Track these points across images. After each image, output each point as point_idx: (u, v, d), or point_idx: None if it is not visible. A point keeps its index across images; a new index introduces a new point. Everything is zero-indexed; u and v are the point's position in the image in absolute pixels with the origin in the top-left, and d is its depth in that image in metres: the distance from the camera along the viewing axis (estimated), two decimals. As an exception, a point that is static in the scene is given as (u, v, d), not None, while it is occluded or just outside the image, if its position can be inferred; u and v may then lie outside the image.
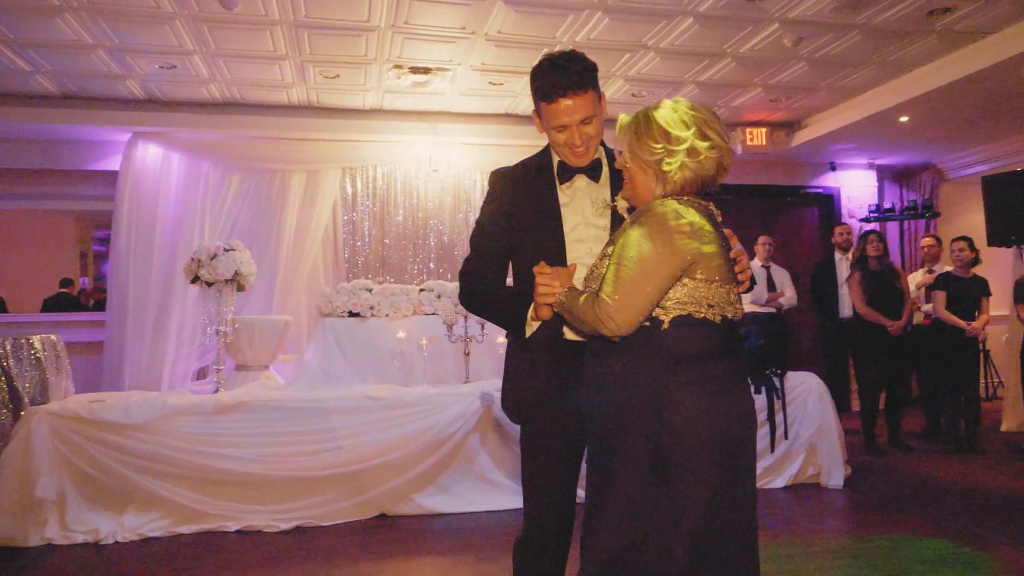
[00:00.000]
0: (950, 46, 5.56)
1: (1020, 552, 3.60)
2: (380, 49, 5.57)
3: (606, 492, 1.78)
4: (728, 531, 1.73)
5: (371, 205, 7.39)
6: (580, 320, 1.81)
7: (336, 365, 5.26)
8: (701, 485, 1.70)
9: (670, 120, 1.79)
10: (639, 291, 1.71)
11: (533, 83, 2.07)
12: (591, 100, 2.02)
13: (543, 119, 2.09)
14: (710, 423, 1.72)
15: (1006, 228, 6.86)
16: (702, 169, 1.79)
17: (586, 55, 2.07)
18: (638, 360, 1.76)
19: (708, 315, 1.76)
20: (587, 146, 2.07)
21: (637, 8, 4.90)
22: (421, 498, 4.50)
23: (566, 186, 2.15)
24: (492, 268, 2.18)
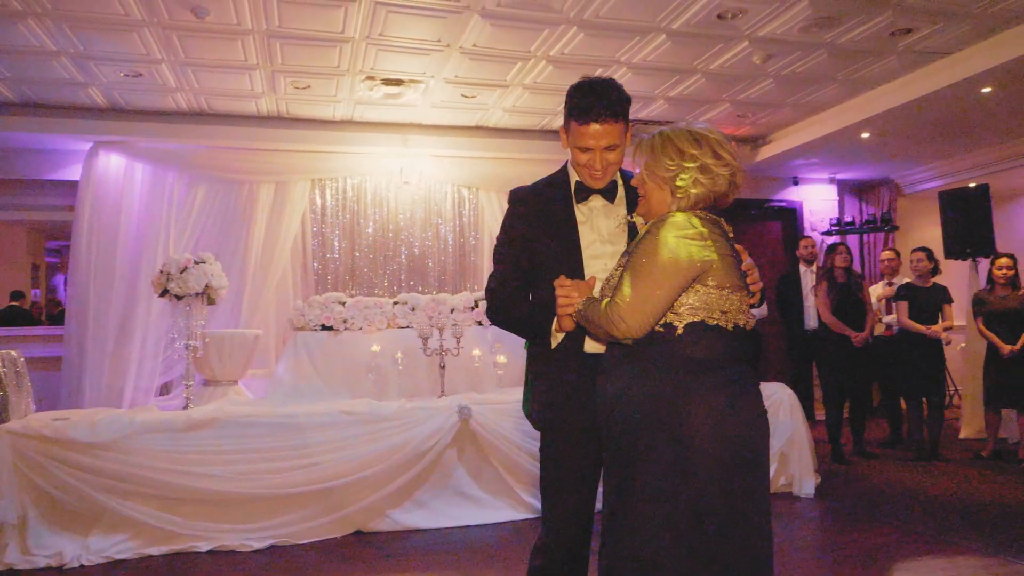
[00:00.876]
0: (911, 65, 5.74)
1: (988, 558, 3.70)
2: (353, 60, 5.54)
3: (625, 497, 1.82)
4: (746, 534, 1.77)
5: (341, 217, 7.32)
6: (595, 324, 1.90)
7: (309, 379, 5.17)
8: (720, 489, 1.75)
9: (684, 139, 1.89)
10: (650, 295, 1.80)
11: (570, 101, 2.16)
12: (619, 130, 2.12)
13: (570, 137, 2.18)
14: (728, 427, 1.78)
15: (962, 241, 7.11)
16: (715, 185, 1.89)
17: (623, 87, 2.17)
18: (654, 365, 1.83)
19: (721, 322, 1.84)
20: (605, 171, 2.17)
21: (612, 24, 4.96)
22: (398, 514, 4.44)
23: (583, 205, 2.24)
24: (515, 283, 2.26)
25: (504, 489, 4.64)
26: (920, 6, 4.71)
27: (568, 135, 2.20)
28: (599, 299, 1.95)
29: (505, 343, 5.44)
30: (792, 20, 4.89)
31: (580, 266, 2.19)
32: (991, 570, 3.53)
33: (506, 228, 2.31)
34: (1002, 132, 7.04)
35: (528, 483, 4.64)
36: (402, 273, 7.41)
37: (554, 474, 2.19)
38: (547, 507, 2.20)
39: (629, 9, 4.72)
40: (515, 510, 4.62)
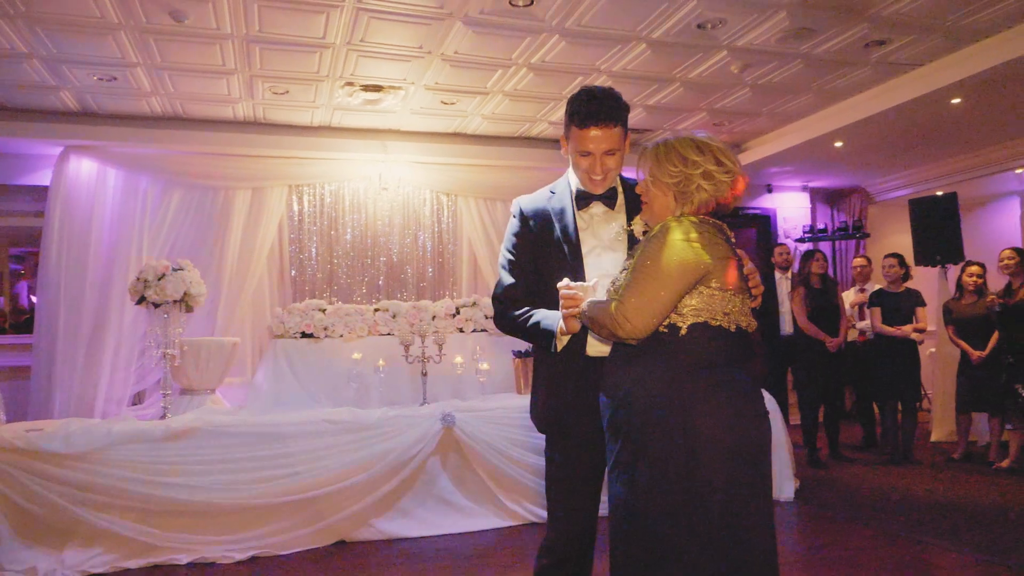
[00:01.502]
0: (884, 76, 5.87)
1: (964, 557, 3.77)
2: (333, 66, 5.50)
3: (634, 494, 1.85)
4: (751, 527, 1.81)
5: (318, 224, 7.25)
6: (600, 325, 1.94)
7: (288, 387, 5.11)
8: (727, 483, 1.78)
9: (688, 147, 1.96)
10: (655, 296, 1.84)
11: (570, 108, 2.23)
12: (618, 135, 2.19)
13: (571, 143, 2.24)
14: (732, 426, 1.82)
15: (932, 248, 7.26)
16: (717, 191, 1.95)
17: (621, 95, 2.24)
18: (659, 365, 1.87)
19: (724, 323, 1.89)
20: (605, 176, 2.24)
21: (594, 33, 4.99)
22: (381, 523, 4.40)
23: (583, 212, 2.31)
24: (521, 289, 2.32)
25: (488, 497, 4.62)
26: (894, 19, 4.82)
27: (569, 141, 2.26)
28: (604, 300, 1.99)
29: (487, 350, 5.43)
30: (770, 31, 4.97)
31: (582, 271, 2.24)
32: (968, 570, 3.60)
33: (510, 236, 2.38)
34: (969, 142, 7.22)
35: (512, 490, 4.63)
36: (380, 280, 7.37)
37: (559, 475, 2.25)
38: (553, 507, 2.26)
39: (612, 18, 4.76)
40: (499, 517, 4.61)
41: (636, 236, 2.21)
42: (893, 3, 4.60)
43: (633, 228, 2.22)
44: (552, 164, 7.64)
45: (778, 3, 4.60)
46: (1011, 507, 4.69)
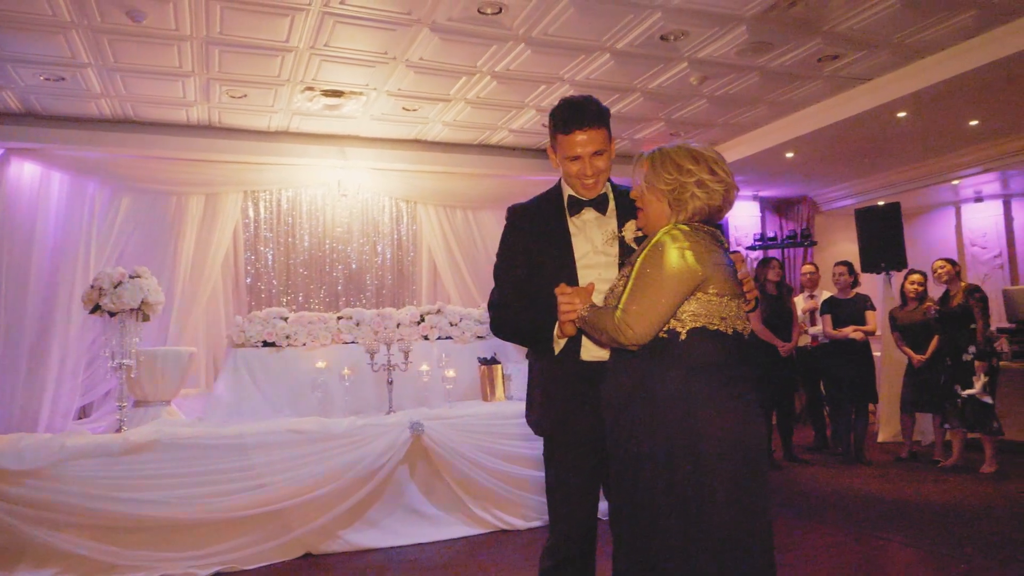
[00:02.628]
0: (835, 89, 6.09)
1: (921, 552, 3.92)
2: (295, 70, 5.42)
3: (637, 493, 1.89)
4: (752, 521, 1.85)
5: (275, 230, 7.11)
6: (600, 331, 1.97)
7: (250, 398, 4.97)
8: (728, 481, 1.83)
9: (683, 156, 2.01)
10: (655, 304, 1.88)
11: (554, 118, 2.27)
12: (603, 136, 2.23)
13: (559, 150, 2.28)
14: (731, 427, 1.86)
15: (877, 256, 7.55)
16: (710, 199, 1.99)
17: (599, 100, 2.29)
18: (660, 369, 1.91)
19: (721, 327, 1.93)
20: (597, 178, 2.27)
21: (559, 42, 5.04)
22: (349, 534, 4.32)
23: (575, 218, 2.34)
24: (516, 296, 2.34)
25: (457, 505, 4.59)
26: (847, 35, 5.00)
27: (557, 150, 2.30)
28: (603, 306, 2.03)
29: (452, 357, 5.39)
30: (730, 44, 5.11)
31: (575, 276, 2.28)
32: (926, 564, 3.74)
33: (504, 244, 2.41)
34: (912, 154, 7.54)
35: (482, 498, 4.61)
36: (339, 288, 7.26)
37: (560, 478, 2.27)
38: (553, 509, 2.29)
39: (578, 28, 4.81)
40: (469, 526, 4.58)
41: (628, 241, 2.25)
42: (847, 20, 4.78)
43: (624, 233, 2.27)
44: (512, 172, 7.68)
45: (739, 17, 4.73)
46: (959, 503, 4.89)
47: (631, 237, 2.24)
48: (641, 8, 4.58)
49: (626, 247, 2.27)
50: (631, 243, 2.25)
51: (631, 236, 2.24)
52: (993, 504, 4.84)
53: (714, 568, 1.80)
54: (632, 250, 2.25)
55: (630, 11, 4.62)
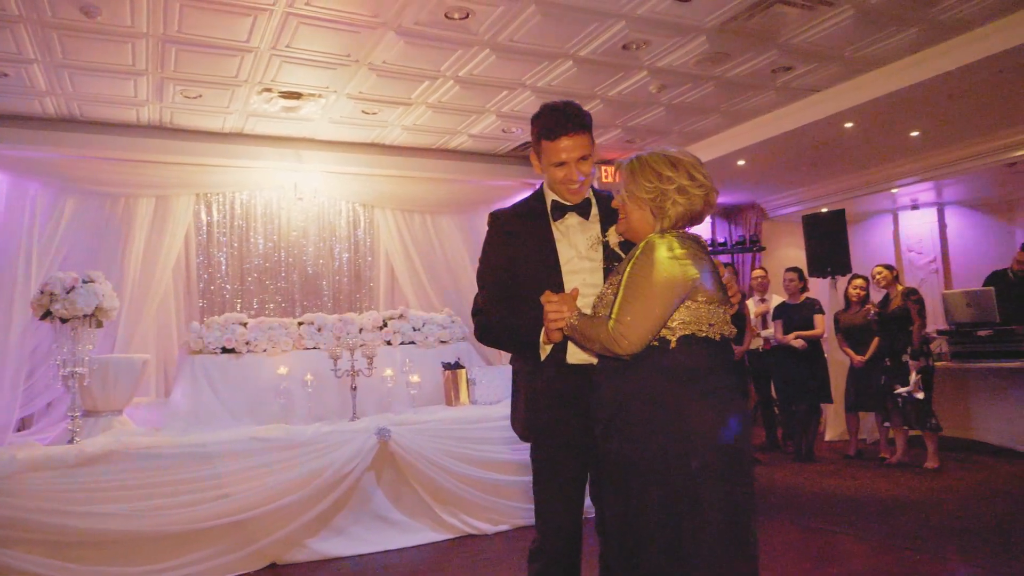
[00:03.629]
0: (786, 100, 6.29)
1: (874, 544, 4.07)
2: (254, 71, 5.31)
3: (629, 495, 1.91)
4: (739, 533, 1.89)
5: (228, 234, 6.94)
6: (592, 340, 1.98)
7: (208, 405, 4.84)
8: (718, 482, 1.86)
9: (661, 163, 2.02)
10: (648, 314, 1.90)
11: (536, 124, 2.29)
12: (588, 141, 2.26)
13: (543, 157, 2.29)
14: (718, 431, 1.89)
15: (823, 261, 7.81)
16: (691, 205, 2.01)
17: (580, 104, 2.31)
18: (650, 377, 1.93)
19: (709, 334, 1.97)
20: (582, 183, 2.28)
21: (524, 48, 5.07)
22: (315, 543, 4.26)
23: (559, 223, 2.35)
24: (500, 302, 2.34)
25: (424, 511, 4.56)
26: (801, 47, 5.18)
27: (541, 156, 2.31)
28: (593, 316, 2.04)
29: (416, 362, 5.37)
30: (689, 54, 5.23)
31: (560, 281, 2.28)
32: (881, 556, 3.89)
33: (488, 249, 2.41)
34: (857, 163, 7.84)
35: (449, 503, 4.59)
36: (295, 293, 7.13)
37: (547, 479, 2.29)
38: (541, 510, 2.30)
39: (543, 35, 4.86)
40: (436, 531, 4.56)
41: (612, 246, 2.27)
42: (802, 33, 4.95)
43: (608, 238, 2.28)
44: (471, 177, 7.69)
45: (700, 28, 4.85)
46: (906, 497, 5.10)
47: (615, 242, 2.26)
48: (606, 16, 4.65)
49: (610, 251, 2.29)
50: (615, 248, 2.27)
51: (615, 241, 2.26)
52: (939, 498, 5.06)
53: (704, 572, 1.83)
54: (616, 254, 2.27)
55: (595, 19, 4.69)
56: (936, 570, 3.69)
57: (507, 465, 4.71)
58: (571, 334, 2.07)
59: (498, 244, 2.39)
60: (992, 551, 3.85)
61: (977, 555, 3.81)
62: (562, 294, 2.13)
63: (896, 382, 6.20)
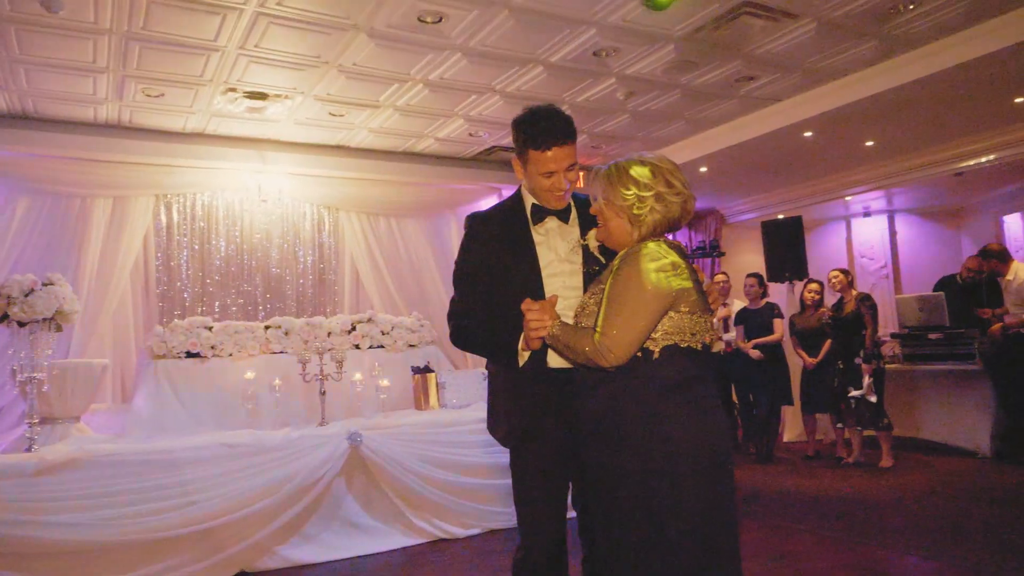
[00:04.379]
0: (748, 109, 6.44)
1: (838, 540, 4.19)
2: (220, 71, 5.22)
3: (614, 504, 1.91)
4: (723, 542, 1.91)
5: (189, 236, 6.80)
6: (576, 352, 1.96)
7: (172, 411, 4.73)
8: (702, 490, 1.87)
9: (639, 170, 2.00)
10: (634, 326, 1.89)
11: (523, 132, 2.24)
12: (574, 150, 2.26)
13: (531, 165, 2.25)
14: (704, 437, 1.91)
15: (781, 266, 8.01)
16: (669, 212, 2.00)
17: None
18: (634, 388, 1.93)
19: (692, 343, 1.96)
20: (568, 190, 2.28)
21: (495, 53, 5.09)
22: (285, 550, 4.20)
23: (539, 226, 2.33)
24: (477, 306, 2.31)
25: (396, 515, 4.54)
26: (764, 57, 5.32)
27: (527, 164, 2.27)
28: (576, 327, 2.01)
29: (385, 366, 5.34)
30: (658, 62, 5.32)
31: (540, 285, 2.26)
32: (843, 553, 4.01)
33: (465, 253, 2.38)
34: (813, 171, 8.07)
35: (421, 508, 4.58)
36: (257, 296, 7.01)
37: (530, 487, 2.26)
38: (524, 520, 2.27)
39: (516, 40, 4.88)
40: (407, 536, 4.54)
41: (592, 250, 2.27)
42: (766, 43, 5.08)
43: (588, 241, 2.28)
44: (437, 180, 7.67)
45: (669, 36, 4.94)
46: (864, 495, 5.26)
47: (595, 245, 2.25)
48: (578, 23, 4.71)
49: (590, 255, 2.28)
50: (595, 251, 2.27)
51: (595, 244, 2.24)
52: (894, 495, 5.23)
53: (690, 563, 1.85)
54: (595, 258, 2.28)
55: (567, 26, 4.74)
56: (897, 564, 3.82)
57: (479, 468, 4.71)
58: (552, 343, 2.04)
59: (476, 247, 2.35)
60: (948, 545, 4.00)
61: (934, 549, 3.95)
62: (542, 301, 2.09)
63: (849, 384, 6.39)
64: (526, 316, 2.05)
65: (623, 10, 4.54)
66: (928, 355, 6.82)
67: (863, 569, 3.74)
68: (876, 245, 10.01)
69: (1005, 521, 4.42)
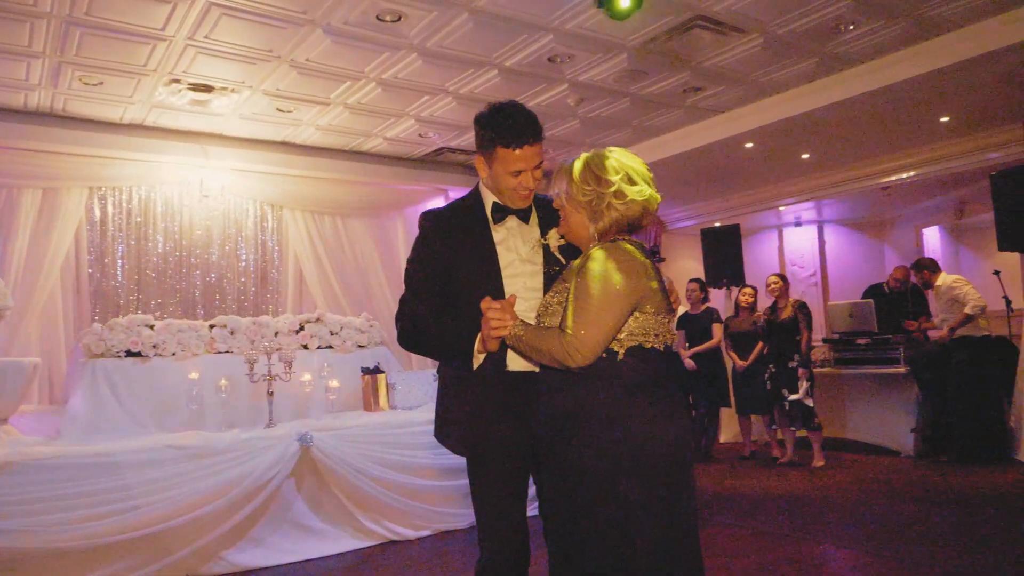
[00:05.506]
0: (693, 119, 6.64)
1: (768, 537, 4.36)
2: (165, 61, 5.06)
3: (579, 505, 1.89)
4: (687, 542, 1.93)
5: (125, 231, 6.54)
6: (541, 352, 1.93)
7: (111, 413, 4.52)
8: (667, 487, 1.88)
9: (602, 165, 1.98)
10: (602, 326, 1.87)
11: (492, 129, 2.16)
12: (542, 148, 2.19)
13: (498, 164, 2.18)
14: (669, 435, 1.91)
15: (719, 272, 8.28)
16: (628, 211, 1.98)
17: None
18: (599, 389, 1.91)
19: (655, 344, 1.95)
20: (532, 189, 2.22)
21: (452, 55, 5.10)
22: (233, 555, 4.08)
23: (499, 226, 2.26)
24: (430, 306, 2.23)
25: (346, 518, 4.47)
26: (712, 70, 5.50)
27: (493, 163, 2.19)
28: (540, 327, 1.98)
29: (335, 367, 5.26)
30: (610, 70, 5.43)
31: (500, 285, 2.20)
32: (787, 547, 4.18)
33: (420, 251, 2.29)
34: (752, 181, 8.37)
35: (371, 509, 4.53)
36: (196, 295, 6.80)
37: (490, 493, 2.20)
38: (485, 527, 2.21)
39: (473, 42, 4.91)
40: (358, 538, 4.48)
41: (552, 249, 2.22)
42: (715, 56, 5.26)
43: (548, 241, 2.23)
44: (383, 180, 7.61)
45: (622, 46, 5.05)
46: (799, 493, 5.49)
47: (555, 245, 2.21)
48: (536, 29, 4.77)
49: (550, 255, 2.23)
50: (555, 251, 2.22)
51: (555, 244, 2.20)
52: (827, 493, 5.47)
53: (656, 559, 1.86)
54: (556, 258, 2.23)
55: (525, 31, 4.79)
56: (836, 558, 4.00)
57: (431, 470, 4.69)
58: (514, 343, 1.99)
59: (432, 244, 2.26)
60: (879, 538, 4.22)
61: (867, 541, 4.16)
62: (502, 301, 2.03)
63: (784, 387, 6.64)
64: (487, 315, 2.00)
65: (581, 18, 4.63)
66: (856, 359, 7.14)
67: (805, 563, 3.91)
68: (806, 253, 10.44)
69: (930, 515, 4.68)
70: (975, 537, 4.18)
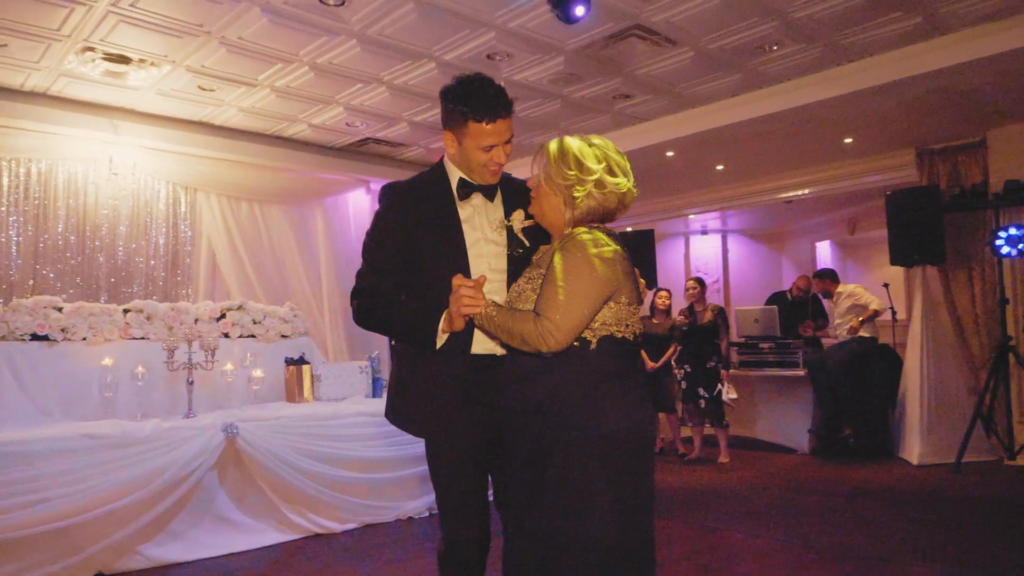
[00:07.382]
0: (619, 125, 6.84)
1: (689, 528, 4.59)
2: (82, 27, 4.75)
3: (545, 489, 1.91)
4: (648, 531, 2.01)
5: (20, 208, 6.08)
6: (512, 335, 1.91)
7: (11, 400, 4.19)
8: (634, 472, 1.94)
9: (585, 152, 1.98)
10: (578, 313, 1.88)
11: (464, 103, 2.09)
12: (512, 123, 2.16)
13: (469, 139, 2.12)
14: (636, 423, 1.96)
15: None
16: (606, 201, 2.00)
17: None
18: (571, 378, 1.93)
19: (626, 334, 1.99)
20: (502, 164, 2.18)
21: (391, 44, 5.05)
22: (149, 549, 3.90)
23: (465, 203, 2.21)
24: (390, 283, 2.18)
25: (270, 511, 4.36)
26: (642, 79, 5.70)
27: (463, 137, 2.13)
28: (514, 309, 1.97)
29: (257, 357, 5.09)
30: (546, 71, 5.53)
31: (466, 263, 2.16)
32: (697, 540, 4.40)
33: (381, 225, 2.22)
34: (668, 189, 8.70)
35: (296, 502, 4.43)
36: (100, 277, 6.41)
37: (451, 478, 2.18)
38: (447, 513, 2.19)
39: (414, 34, 4.88)
40: (282, 532, 4.38)
41: (515, 231, 2.19)
42: (646, 66, 5.45)
43: (512, 222, 2.19)
44: (305, 167, 7.43)
45: (560, 48, 5.16)
46: (709, 487, 5.78)
47: (519, 227, 2.17)
48: (478, 25, 4.79)
49: (514, 237, 2.19)
50: (519, 233, 2.18)
51: (519, 226, 2.17)
52: (735, 486, 5.79)
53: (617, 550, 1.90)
54: (519, 240, 2.20)
55: (468, 26, 4.81)
56: (748, 545, 4.25)
57: (358, 462, 4.64)
58: (484, 323, 1.97)
59: (394, 219, 2.19)
60: (784, 526, 4.52)
61: (775, 530, 4.45)
62: (474, 279, 2.00)
63: (700, 386, 6.93)
64: (458, 292, 1.96)
65: (524, 17, 4.70)
66: (761, 362, 7.57)
67: (720, 550, 4.13)
68: (710, 261, 10.95)
69: (827, 505, 5.05)
70: (868, 522, 4.56)
